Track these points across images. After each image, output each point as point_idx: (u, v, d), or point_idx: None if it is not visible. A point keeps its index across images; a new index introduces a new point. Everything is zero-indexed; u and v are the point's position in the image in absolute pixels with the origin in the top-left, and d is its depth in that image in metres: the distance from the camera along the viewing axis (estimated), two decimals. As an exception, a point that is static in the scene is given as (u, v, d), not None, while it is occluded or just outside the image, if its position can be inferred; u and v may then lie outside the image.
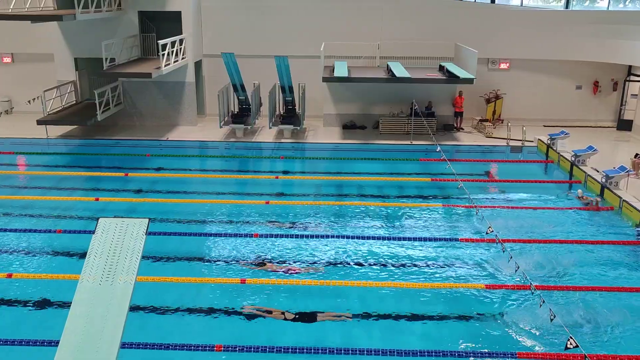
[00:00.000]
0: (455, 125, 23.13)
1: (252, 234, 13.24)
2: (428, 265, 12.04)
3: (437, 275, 11.65)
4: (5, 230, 13.30)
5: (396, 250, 12.69)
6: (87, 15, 19.60)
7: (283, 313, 10.04)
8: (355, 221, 14.36)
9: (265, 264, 11.99)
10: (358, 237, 13.20)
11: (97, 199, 15.25)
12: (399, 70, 20.96)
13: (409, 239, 13.17)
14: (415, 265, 12.05)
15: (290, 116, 22.23)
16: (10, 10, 18.85)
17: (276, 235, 13.28)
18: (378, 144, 21.21)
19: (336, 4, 23.63)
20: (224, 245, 12.82)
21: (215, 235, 13.25)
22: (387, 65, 22.29)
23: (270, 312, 10.11)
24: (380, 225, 14.10)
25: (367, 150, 20.51)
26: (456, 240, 13.05)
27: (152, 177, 17.37)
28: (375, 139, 21.86)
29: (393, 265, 12.03)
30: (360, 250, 12.67)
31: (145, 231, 6.03)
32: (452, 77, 21.06)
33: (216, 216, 14.49)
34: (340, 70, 21.15)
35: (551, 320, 8.11)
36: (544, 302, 8.58)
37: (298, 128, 21.85)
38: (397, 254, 12.51)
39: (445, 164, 15.47)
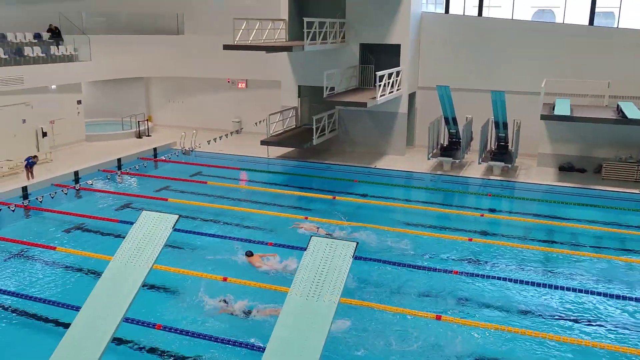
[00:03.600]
0: (696, 176, 20.26)
1: (452, 271, 12.89)
2: (652, 332, 10.59)
3: (663, 345, 10.19)
4: (225, 237, 14.64)
5: (611, 308, 11.39)
6: (314, 47, 21.04)
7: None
8: (565, 270, 13.23)
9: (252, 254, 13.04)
10: (565, 288, 12.10)
11: (306, 218, 16.09)
12: (632, 112, 19.01)
13: (629, 298, 11.73)
14: (634, 330, 10.68)
15: (501, 153, 21.43)
16: (249, 41, 21.02)
17: (476, 275, 12.75)
18: (599, 190, 19.37)
19: (561, 39, 22.35)
20: (421, 278, 12.66)
21: (414, 267, 13.14)
22: (618, 105, 20.36)
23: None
24: (594, 279, 12.80)
25: (585, 195, 18.85)
26: (690, 308, 11.31)
27: (357, 203, 17.89)
28: (596, 184, 20.02)
29: (606, 325, 10.80)
30: (566, 303, 11.62)
31: (352, 254, 6.17)
32: (696, 122, 18.51)
33: (416, 248, 14.38)
34: (562, 109, 19.83)
35: None
36: None
37: (509, 166, 20.94)
38: (612, 313, 11.21)
39: (681, 219, 13.59)
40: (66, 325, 9.91)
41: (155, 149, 23.53)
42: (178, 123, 28.38)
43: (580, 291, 11.99)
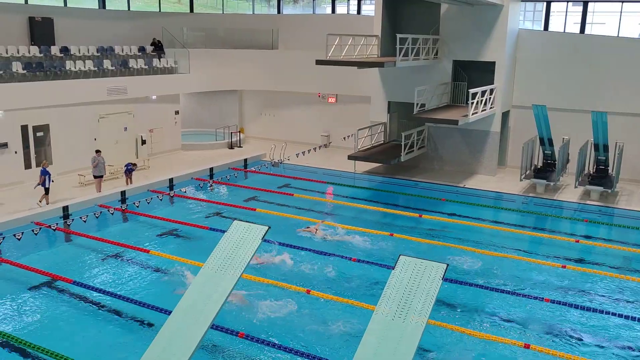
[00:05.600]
0: None
1: (543, 298, 12.30)
2: None
3: None
4: (307, 249, 14.71)
5: None
6: (406, 63, 20.89)
7: None
8: (671, 307, 12.30)
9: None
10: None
11: (391, 234, 15.92)
12: None
13: None
14: None
15: (600, 177, 20.32)
16: (341, 57, 21.19)
17: (569, 304, 12.09)
18: None
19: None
20: (509, 303, 12.18)
21: (503, 291, 12.65)
22: None
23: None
24: None
25: (694, 226, 17.51)
26: None
27: (444, 222, 17.49)
28: None
29: None
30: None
31: (442, 276, 6.01)
32: None
33: (505, 271, 13.86)
34: (670, 132, 18.59)
35: None
36: None
37: (609, 191, 19.80)
38: None
39: None
40: (155, 327, 10.32)
41: (245, 160, 24.15)
42: (268, 135, 29.03)
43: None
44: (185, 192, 18.87)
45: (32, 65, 21.49)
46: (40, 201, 17.71)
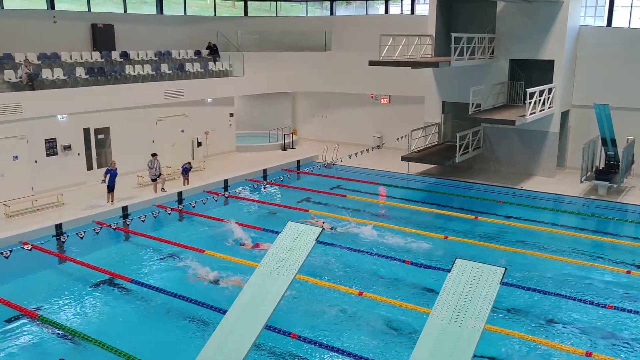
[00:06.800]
0: None
1: (606, 305, 11.84)
2: None
3: None
4: (361, 251, 14.64)
5: None
6: (461, 63, 20.53)
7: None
8: None
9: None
10: None
11: (445, 237, 15.67)
12: None
13: None
14: None
15: (668, 179, 19.45)
16: (395, 57, 21.02)
17: (634, 312, 11.59)
18: None
19: None
20: (569, 309, 11.78)
21: (562, 296, 12.24)
22: None
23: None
24: None
25: None
26: None
27: (501, 224, 17.09)
28: None
29: None
30: None
31: (500, 280, 5.85)
32: None
33: (564, 276, 13.42)
34: None
35: None
36: None
37: (677, 193, 18.94)
38: None
39: None
40: (210, 326, 10.47)
41: (298, 162, 24.29)
42: (321, 137, 29.11)
43: None
44: (239, 193, 19.12)
45: (94, 70, 22.24)
46: (109, 201, 18.37)
